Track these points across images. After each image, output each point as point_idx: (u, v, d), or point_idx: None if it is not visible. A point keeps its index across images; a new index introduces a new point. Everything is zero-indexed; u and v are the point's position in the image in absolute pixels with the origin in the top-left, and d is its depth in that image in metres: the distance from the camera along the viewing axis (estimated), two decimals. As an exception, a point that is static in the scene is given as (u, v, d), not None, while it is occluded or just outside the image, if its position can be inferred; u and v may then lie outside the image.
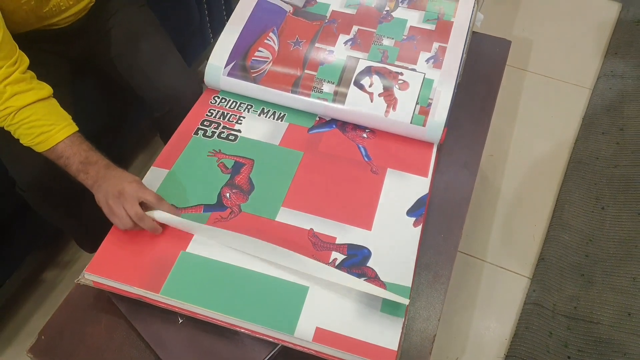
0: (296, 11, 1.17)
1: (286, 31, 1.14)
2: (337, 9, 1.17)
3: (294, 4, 1.18)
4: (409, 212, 0.93)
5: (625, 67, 2.01)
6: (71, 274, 1.49)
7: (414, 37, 1.12)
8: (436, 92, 1.03)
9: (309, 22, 1.16)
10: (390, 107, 1.02)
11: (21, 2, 1.00)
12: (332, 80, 1.06)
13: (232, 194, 0.94)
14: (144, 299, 0.83)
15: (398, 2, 1.18)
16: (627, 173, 1.64)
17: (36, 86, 0.93)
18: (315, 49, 1.11)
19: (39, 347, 0.82)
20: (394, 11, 1.17)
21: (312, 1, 1.20)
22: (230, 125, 1.05)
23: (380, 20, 1.15)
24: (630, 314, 1.35)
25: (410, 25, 1.14)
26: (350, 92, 1.04)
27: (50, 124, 0.91)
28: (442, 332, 1.37)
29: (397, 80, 1.04)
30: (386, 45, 1.11)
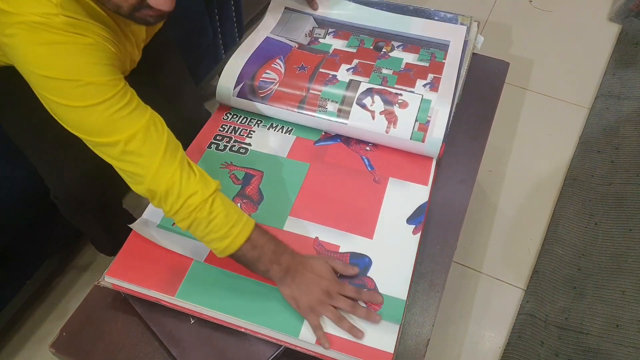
0: (301, 47, 1.24)
1: (292, 60, 1.20)
2: (339, 48, 1.24)
3: (299, 42, 1.25)
4: (409, 220, 0.98)
5: (622, 87, 2.06)
6: (87, 276, 1.54)
7: (411, 70, 1.18)
8: (434, 111, 1.08)
9: (313, 54, 1.22)
10: (391, 125, 1.07)
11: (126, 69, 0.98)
12: (336, 99, 1.11)
13: (242, 204, 1.00)
14: (160, 301, 0.88)
15: (394, 47, 1.25)
16: (621, 191, 1.69)
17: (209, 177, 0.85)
18: (319, 73, 1.16)
19: (60, 342, 0.87)
20: (391, 52, 1.23)
21: (315, 41, 1.26)
22: (241, 139, 1.11)
23: (379, 57, 1.22)
24: (619, 326, 1.39)
25: (407, 62, 1.20)
26: (353, 110, 1.09)
27: (240, 212, 0.84)
28: (438, 339, 1.43)
29: (397, 100, 1.10)
30: (385, 73, 1.17)
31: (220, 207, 0.81)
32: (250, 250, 0.82)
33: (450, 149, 1.13)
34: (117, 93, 0.77)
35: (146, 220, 0.97)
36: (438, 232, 1.02)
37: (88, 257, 1.58)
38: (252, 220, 0.84)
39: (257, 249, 0.83)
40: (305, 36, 1.27)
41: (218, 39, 1.81)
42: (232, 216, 0.81)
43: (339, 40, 1.26)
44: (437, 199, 1.07)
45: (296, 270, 0.84)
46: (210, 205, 0.80)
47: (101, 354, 0.87)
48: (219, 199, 0.81)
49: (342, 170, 1.06)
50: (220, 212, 0.80)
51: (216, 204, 0.81)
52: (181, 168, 0.80)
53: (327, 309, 0.83)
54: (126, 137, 0.77)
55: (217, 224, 0.80)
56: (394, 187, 1.03)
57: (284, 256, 0.84)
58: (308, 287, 0.83)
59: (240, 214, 0.83)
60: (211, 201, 0.80)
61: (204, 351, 0.85)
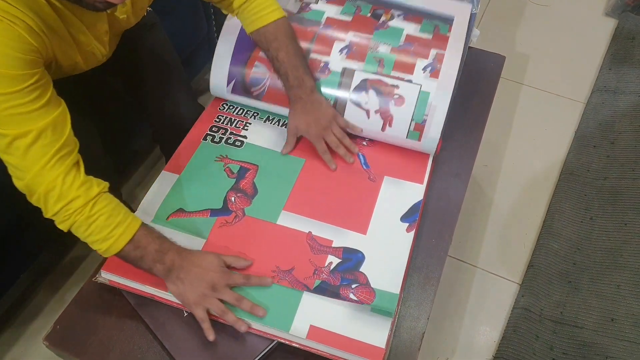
0: (290, 17, 1.13)
1: None
2: (332, 16, 1.14)
3: (287, 9, 1.14)
4: (403, 218, 0.98)
5: (618, 82, 2.06)
6: (81, 270, 1.54)
7: (411, 44, 1.10)
8: (431, 108, 1.04)
9: (303, 27, 1.13)
10: (386, 124, 1.06)
11: (76, 62, 0.97)
12: (329, 97, 1.08)
13: (237, 197, 0.99)
14: (155, 297, 0.88)
15: (394, 15, 1.15)
16: (616, 185, 1.70)
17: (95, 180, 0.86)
18: (310, 62, 1.09)
19: (54, 336, 0.88)
20: (390, 21, 1.14)
21: (306, 7, 1.16)
22: (237, 132, 1.11)
23: (377, 27, 1.13)
24: (614, 320, 1.40)
25: (407, 33, 1.11)
26: (348, 110, 1.07)
27: (125, 212, 0.85)
28: (433, 333, 1.43)
29: (392, 95, 1.06)
30: (382, 52, 1.09)
31: (102, 209, 0.82)
32: (132, 250, 0.84)
33: (446, 144, 1.13)
34: (25, 88, 0.76)
35: (139, 216, 0.96)
36: (433, 225, 1.02)
37: (82, 250, 1.57)
38: (137, 220, 0.85)
39: (139, 249, 0.84)
40: (295, 1, 1.18)
41: (213, 32, 1.80)
42: (115, 218, 0.82)
43: (332, 6, 1.16)
44: (433, 193, 1.07)
45: (181, 267, 0.85)
46: (91, 209, 0.81)
47: (95, 347, 0.87)
48: (102, 201, 0.82)
49: (338, 167, 1.06)
50: (102, 214, 0.82)
51: (97, 207, 0.82)
52: (66, 173, 0.80)
53: (212, 302, 0.84)
54: (17, 133, 0.76)
55: (98, 226, 0.82)
56: (389, 186, 1.03)
57: (168, 254, 0.85)
58: (193, 283, 0.84)
59: (124, 216, 0.84)
60: (92, 204, 0.81)
61: (197, 345, 0.85)
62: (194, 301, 0.84)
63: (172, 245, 0.87)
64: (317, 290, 0.88)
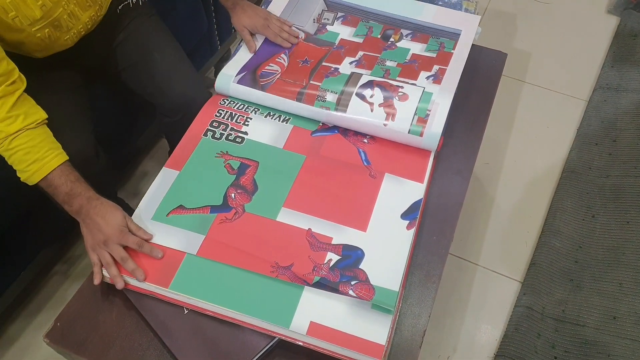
0: (307, 37, 1.25)
1: (296, 54, 1.21)
2: (346, 38, 1.25)
3: (306, 31, 1.26)
4: (403, 216, 0.98)
5: (620, 80, 2.05)
6: (80, 268, 1.54)
7: (416, 61, 1.18)
8: (434, 104, 1.08)
9: (318, 47, 1.23)
10: (389, 117, 1.07)
11: (32, 31, 1.01)
12: (335, 90, 1.11)
13: (237, 194, 0.99)
14: (154, 293, 0.88)
15: (402, 35, 1.24)
16: (618, 183, 1.69)
17: (30, 110, 0.94)
18: (322, 67, 1.17)
19: (54, 333, 0.88)
20: (398, 42, 1.23)
21: (323, 29, 1.27)
22: (237, 127, 1.11)
23: (385, 48, 1.22)
24: (616, 318, 1.39)
25: (413, 52, 1.21)
26: (352, 102, 1.09)
27: (45, 151, 0.92)
28: (434, 331, 1.43)
29: (397, 92, 1.10)
30: (389, 65, 1.18)
31: (21, 145, 0.90)
32: (45, 187, 0.94)
33: (448, 141, 1.13)
34: None
35: (139, 214, 0.97)
36: (434, 223, 1.02)
37: (83, 247, 1.56)
38: (57, 160, 0.93)
39: (51, 187, 0.93)
40: (314, 22, 1.28)
41: (213, 29, 1.80)
42: (33, 155, 0.91)
43: (346, 28, 1.27)
44: (434, 190, 1.07)
45: (87, 213, 0.92)
46: (9, 143, 0.90)
47: (95, 344, 0.87)
48: (22, 137, 0.91)
49: (338, 164, 1.06)
50: (20, 150, 0.91)
51: (16, 142, 0.90)
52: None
53: (102, 254, 0.90)
54: None
55: (16, 159, 0.92)
56: (390, 183, 1.03)
57: (76, 199, 0.93)
58: (92, 231, 0.92)
59: (44, 154, 0.92)
60: (10, 139, 0.90)
61: (198, 342, 0.85)
62: (90, 246, 0.92)
63: (84, 190, 0.94)
64: (316, 285, 0.88)
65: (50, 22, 1.03)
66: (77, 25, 1.10)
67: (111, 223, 0.91)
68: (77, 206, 0.93)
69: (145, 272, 0.89)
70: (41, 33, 1.03)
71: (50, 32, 1.05)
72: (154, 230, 0.95)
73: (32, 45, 1.04)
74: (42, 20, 1.01)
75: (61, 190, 0.93)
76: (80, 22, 1.11)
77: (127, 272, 0.89)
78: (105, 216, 0.92)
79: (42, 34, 1.03)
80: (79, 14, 1.08)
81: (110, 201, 0.95)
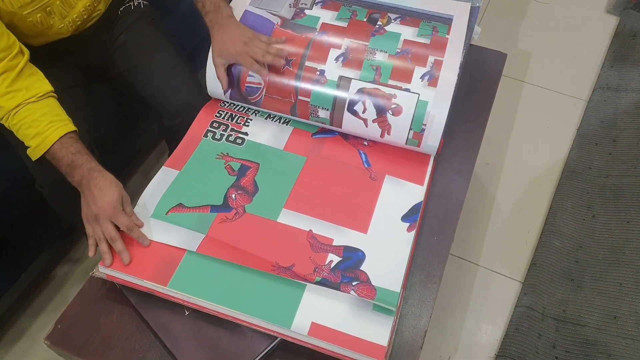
0: (284, 23, 1.12)
1: None
2: (328, 22, 1.11)
3: (281, 15, 1.13)
4: (403, 218, 0.98)
5: (620, 79, 2.05)
6: (81, 270, 1.54)
7: (409, 51, 1.06)
8: (430, 117, 1.01)
9: (298, 34, 1.10)
10: (384, 132, 1.05)
11: (23, 15, 1.01)
12: (326, 106, 1.06)
13: (237, 195, 0.99)
14: (153, 291, 0.88)
15: (390, 19, 1.12)
16: (618, 183, 1.69)
17: (33, 84, 0.95)
18: (306, 69, 1.06)
19: (55, 335, 0.88)
20: (387, 26, 1.11)
21: (301, 13, 1.14)
22: (237, 128, 1.10)
23: (373, 33, 1.09)
24: (616, 317, 1.39)
25: (405, 38, 1.08)
26: (345, 118, 1.06)
27: (45, 124, 0.94)
28: (435, 332, 1.43)
29: (390, 105, 1.02)
30: (379, 60, 1.05)
31: (23, 119, 0.93)
32: (51, 159, 0.95)
33: (448, 141, 1.13)
34: None
35: (138, 211, 0.97)
36: (435, 223, 1.02)
37: (83, 249, 1.58)
38: (59, 132, 0.94)
39: (55, 159, 0.95)
40: (290, 7, 1.14)
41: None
42: (34, 129, 0.93)
43: (327, 12, 1.13)
44: (434, 191, 1.07)
45: (87, 185, 0.93)
46: (12, 119, 0.93)
47: (96, 346, 0.87)
48: (23, 112, 0.93)
49: (339, 166, 1.05)
50: (23, 124, 0.93)
51: (17, 117, 0.93)
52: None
53: (95, 228, 0.92)
54: None
55: (21, 134, 0.94)
56: (390, 185, 1.03)
57: (78, 170, 0.94)
58: (88, 203, 0.93)
59: (45, 127, 0.93)
60: (13, 114, 0.93)
61: (199, 343, 0.85)
62: (84, 217, 0.94)
63: (85, 162, 0.94)
64: (317, 283, 0.88)
65: (41, 7, 1.03)
66: (71, 13, 1.10)
67: (106, 198, 0.92)
68: (78, 177, 0.94)
69: (144, 269, 0.89)
70: (33, 17, 1.03)
71: (43, 17, 1.05)
72: (154, 227, 0.95)
73: (25, 29, 1.04)
74: (33, 4, 1.01)
75: (63, 163, 0.94)
76: (75, 11, 1.11)
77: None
78: (103, 190, 0.92)
79: (33, 18, 1.04)
80: (72, 1, 1.09)
81: (112, 176, 0.96)
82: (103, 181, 0.93)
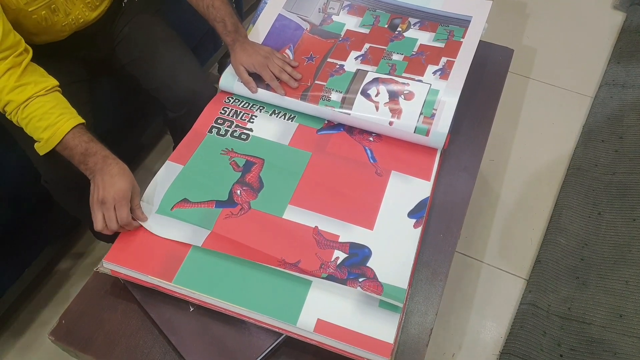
0: (313, 29, 1.23)
1: (302, 48, 1.19)
2: (352, 29, 1.22)
3: (311, 21, 1.23)
4: (410, 214, 0.97)
5: (627, 76, 2.04)
6: (85, 265, 1.54)
7: (423, 53, 1.16)
8: (440, 103, 1.06)
9: (323, 39, 1.21)
10: (395, 116, 1.06)
11: (28, 12, 1.02)
12: (340, 89, 1.10)
13: (242, 191, 0.99)
14: (158, 287, 0.88)
15: (410, 24, 1.21)
16: (624, 180, 1.68)
17: (39, 79, 0.96)
18: (327, 64, 1.15)
19: (59, 330, 0.87)
20: (406, 32, 1.20)
21: (328, 19, 1.24)
22: (242, 124, 1.10)
23: (392, 39, 1.19)
24: (622, 316, 1.39)
25: (421, 43, 1.18)
26: (357, 101, 1.08)
27: (56, 116, 0.94)
28: (439, 329, 1.42)
29: (402, 90, 1.08)
30: (395, 59, 1.15)
31: (33, 112, 0.93)
32: (62, 150, 0.95)
33: (454, 137, 1.12)
34: None
35: (142, 206, 0.96)
36: (441, 220, 1.02)
37: (87, 244, 1.58)
38: (70, 123, 0.94)
39: (67, 149, 0.95)
40: (319, 12, 1.25)
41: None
42: (45, 122, 0.93)
43: (352, 18, 1.24)
44: (440, 187, 1.06)
45: (100, 170, 0.94)
46: (22, 112, 0.93)
47: (100, 342, 0.86)
48: (33, 105, 0.93)
49: (344, 161, 1.05)
50: (34, 117, 0.93)
51: (28, 110, 0.93)
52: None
53: (107, 211, 0.91)
54: None
55: (32, 127, 0.94)
56: (396, 181, 1.02)
57: (92, 158, 0.94)
58: (98, 188, 0.92)
59: (56, 119, 0.94)
60: (23, 107, 0.93)
61: (204, 340, 0.85)
62: (94, 202, 0.92)
63: (99, 149, 0.95)
64: (324, 278, 0.87)
65: (46, 4, 1.04)
66: (74, 10, 1.10)
67: (117, 185, 0.92)
68: (92, 164, 0.94)
69: (148, 265, 0.88)
70: (37, 14, 1.04)
71: (47, 14, 1.06)
72: (159, 223, 0.94)
73: (29, 26, 1.05)
74: (39, 1, 1.02)
75: (77, 152, 0.94)
76: (77, 8, 1.11)
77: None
78: (115, 177, 0.93)
79: (38, 15, 1.04)
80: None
81: (125, 165, 0.96)
82: (117, 169, 0.94)
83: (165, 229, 0.93)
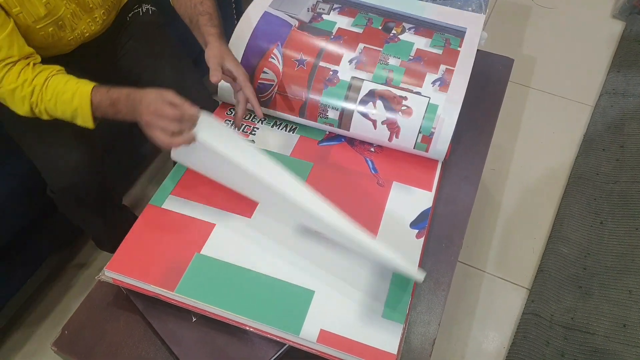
0: (302, 25, 1.15)
1: (290, 46, 1.13)
2: (344, 27, 1.15)
3: (299, 18, 1.16)
4: (412, 224, 0.97)
5: (627, 85, 2.04)
6: (87, 275, 1.54)
7: (421, 59, 1.10)
8: (439, 120, 1.03)
9: (314, 37, 1.13)
10: (393, 135, 1.05)
11: (35, 28, 1.03)
12: (336, 107, 1.07)
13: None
14: (160, 296, 0.87)
15: (405, 28, 1.16)
16: (626, 189, 1.68)
17: (47, 65, 0.99)
18: (319, 69, 1.09)
19: (62, 341, 0.87)
20: (401, 35, 1.15)
21: (318, 17, 1.17)
22: (244, 136, 1.10)
23: (387, 40, 1.13)
24: (626, 326, 1.38)
25: (417, 47, 1.12)
26: (354, 120, 1.06)
27: (74, 84, 0.97)
28: (442, 339, 1.42)
29: (400, 107, 1.04)
30: (392, 64, 1.09)
31: (56, 88, 0.96)
32: (96, 111, 0.98)
33: (455, 147, 1.12)
34: None
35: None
36: (443, 229, 1.01)
37: (89, 254, 1.58)
38: (87, 87, 0.97)
39: (99, 109, 0.97)
40: (308, 11, 1.18)
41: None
42: (69, 93, 0.96)
43: (344, 18, 1.17)
44: (442, 197, 1.06)
45: (132, 104, 0.95)
46: (45, 92, 0.96)
47: (103, 352, 0.86)
48: (53, 82, 0.96)
49: (346, 172, 1.05)
50: (57, 92, 0.96)
51: (50, 88, 0.96)
52: (16, 76, 0.95)
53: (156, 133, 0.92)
54: None
55: (60, 103, 0.96)
56: (398, 191, 1.02)
57: (120, 104, 0.96)
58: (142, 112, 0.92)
59: (74, 86, 0.96)
60: (45, 87, 0.96)
61: (206, 350, 0.84)
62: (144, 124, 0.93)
63: (120, 93, 0.96)
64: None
65: (54, 21, 1.05)
66: (80, 25, 1.11)
67: (149, 94, 0.92)
68: (124, 109, 0.95)
69: (150, 274, 0.88)
70: (44, 31, 1.05)
71: (55, 31, 1.07)
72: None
73: (35, 42, 1.05)
74: (47, 19, 1.03)
75: (104, 104, 0.96)
76: (83, 22, 1.12)
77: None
78: (146, 92, 0.93)
79: (45, 32, 1.05)
80: (80, 14, 1.10)
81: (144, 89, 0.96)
82: (143, 91, 0.94)
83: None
